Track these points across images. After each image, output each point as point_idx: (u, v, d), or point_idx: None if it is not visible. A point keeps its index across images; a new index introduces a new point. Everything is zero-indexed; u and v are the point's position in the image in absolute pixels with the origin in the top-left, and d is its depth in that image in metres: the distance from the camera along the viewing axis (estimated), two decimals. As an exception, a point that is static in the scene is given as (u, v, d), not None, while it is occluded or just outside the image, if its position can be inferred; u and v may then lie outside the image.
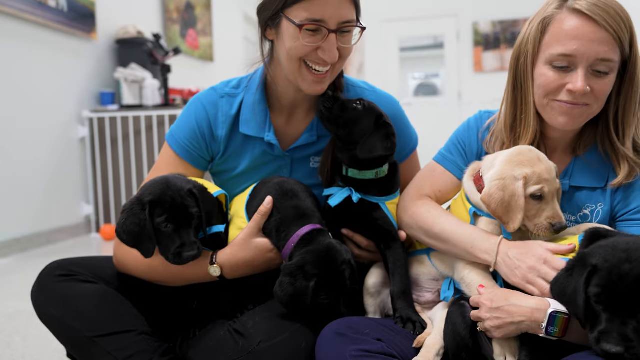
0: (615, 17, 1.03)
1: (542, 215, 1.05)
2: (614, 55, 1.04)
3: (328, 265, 1.07)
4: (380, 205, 1.26)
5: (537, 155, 1.08)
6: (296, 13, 1.13)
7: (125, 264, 1.26)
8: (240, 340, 1.07)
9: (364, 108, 1.25)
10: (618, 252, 0.87)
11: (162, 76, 3.94)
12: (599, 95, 1.07)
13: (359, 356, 0.98)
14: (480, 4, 7.49)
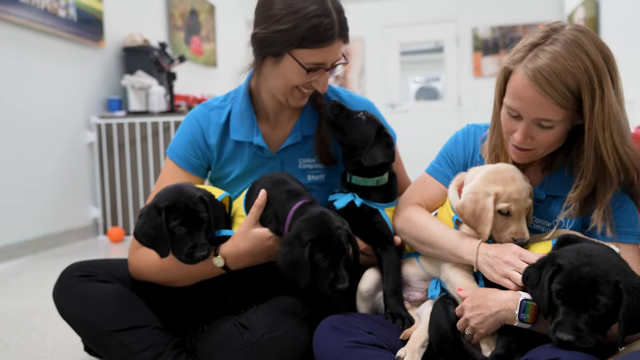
0: (557, 86, 1.06)
1: (507, 230, 1.16)
2: (554, 116, 1.10)
3: (321, 229, 1.15)
4: (380, 211, 1.39)
5: (513, 176, 1.18)
6: (303, 55, 1.27)
7: (139, 269, 1.37)
8: (245, 332, 1.19)
9: (367, 119, 1.39)
10: (582, 256, 0.98)
11: (167, 83, 4.06)
12: (542, 144, 1.15)
13: (351, 347, 1.10)
14: (480, 9, 7.58)
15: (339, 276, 1.14)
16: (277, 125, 1.50)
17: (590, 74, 1.07)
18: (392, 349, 1.15)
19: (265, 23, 1.29)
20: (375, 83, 7.93)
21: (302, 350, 1.19)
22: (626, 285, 0.94)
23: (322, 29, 1.24)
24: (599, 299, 0.93)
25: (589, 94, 1.07)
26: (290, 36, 1.25)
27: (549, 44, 1.09)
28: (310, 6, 1.24)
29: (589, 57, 1.07)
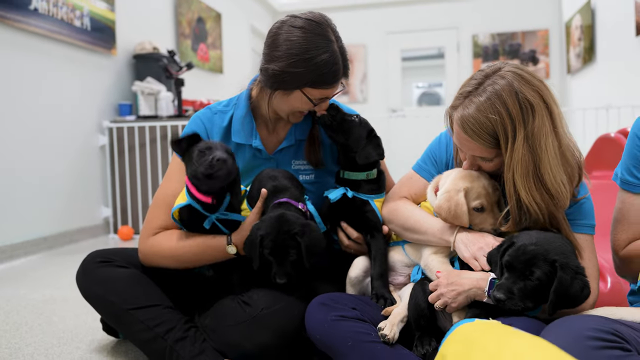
0: (480, 132, 1.22)
1: (486, 223, 1.33)
2: (488, 154, 1.27)
3: (271, 229, 1.34)
4: (370, 202, 1.57)
5: (478, 175, 1.35)
6: (312, 92, 1.46)
7: (151, 256, 1.54)
8: (247, 308, 1.36)
9: (360, 122, 1.58)
10: (532, 237, 1.17)
11: (175, 89, 4.24)
12: (489, 169, 1.34)
13: (337, 320, 1.27)
14: (480, 17, 7.75)
15: (279, 272, 1.34)
16: (274, 131, 1.68)
17: (505, 124, 1.20)
18: (374, 323, 1.31)
19: (277, 61, 1.43)
20: (377, 88, 8.11)
21: (296, 324, 1.36)
22: (562, 264, 1.11)
23: (330, 76, 1.44)
24: (534, 272, 1.11)
25: (503, 141, 1.22)
26: (303, 78, 1.43)
27: (477, 95, 1.24)
28: (322, 54, 1.41)
29: (507, 108, 1.20)
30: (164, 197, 1.57)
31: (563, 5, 7.18)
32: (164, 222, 1.55)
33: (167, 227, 1.56)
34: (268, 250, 1.34)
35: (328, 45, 1.43)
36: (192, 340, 1.41)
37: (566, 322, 0.99)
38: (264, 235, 1.34)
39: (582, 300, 1.12)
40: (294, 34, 1.43)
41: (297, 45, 1.42)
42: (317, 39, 1.42)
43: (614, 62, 5.18)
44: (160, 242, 1.52)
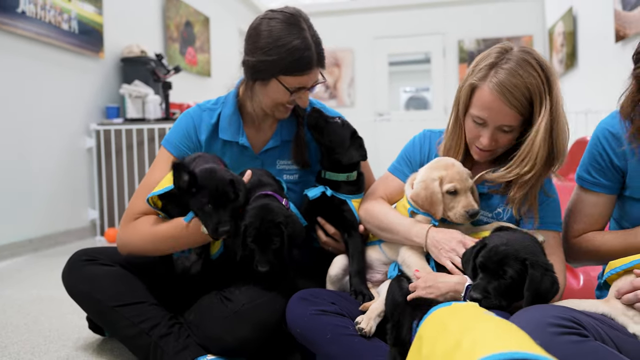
0: (519, 97, 1.29)
1: (459, 206, 1.38)
2: (515, 122, 1.33)
3: (255, 218, 1.38)
4: (348, 202, 1.62)
5: (452, 162, 1.41)
6: (287, 80, 1.50)
7: (130, 241, 1.55)
8: (228, 303, 1.41)
9: (342, 123, 1.63)
10: (503, 238, 1.22)
11: (163, 92, 4.27)
12: (502, 144, 1.38)
13: (316, 314, 1.31)
14: (465, 23, 7.87)
15: (261, 260, 1.37)
16: (260, 130, 1.72)
17: (540, 87, 1.30)
18: (353, 318, 1.36)
19: (254, 53, 1.50)
20: (364, 92, 8.19)
21: (276, 318, 1.40)
22: (532, 262, 1.17)
23: (303, 62, 1.47)
24: (507, 270, 1.16)
25: (538, 103, 1.31)
26: (277, 66, 1.47)
27: (505, 63, 1.32)
28: (293, 41, 1.46)
29: (537, 72, 1.30)
30: (147, 185, 1.60)
31: (546, 12, 7.32)
32: (145, 209, 1.57)
33: (147, 214, 1.58)
34: (251, 238, 1.38)
35: (299, 33, 1.48)
36: (176, 336, 1.45)
37: (529, 311, 1.04)
38: (248, 225, 1.38)
39: (553, 295, 1.18)
40: (269, 25, 1.49)
41: (270, 35, 1.48)
42: (289, 28, 1.48)
43: (595, 68, 5.31)
44: (138, 225, 1.55)
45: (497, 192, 1.48)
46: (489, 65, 1.33)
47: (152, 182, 1.59)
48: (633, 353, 1.06)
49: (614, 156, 1.39)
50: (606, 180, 1.40)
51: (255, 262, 1.39)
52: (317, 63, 1.52)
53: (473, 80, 1.35)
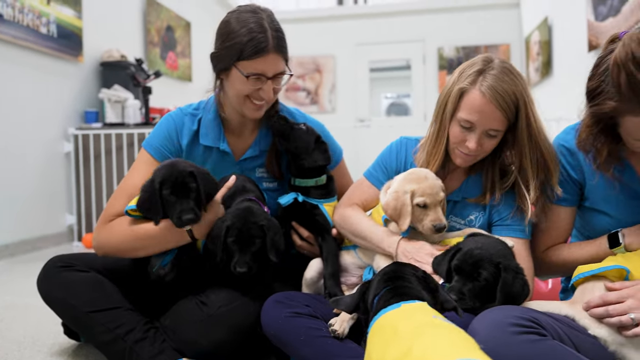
0: (508, 102, 1.35)
1: (427, 219, 1.43)
2: (502, 126, 1.39)
3: (237, 219, 1.41)
4: (319, 206, 1.65)
5: (425, 175, 1.45)
6: (244, 66, 1.51)
7: (107, 241, 1.55)
8: (204, 307, 1.42)
9: (307, 129, 1.66)
10: (477, 243, 1.27)
11: (143, 97, 4.26)
12: (487, 149, 1.43)
13: (290, 316, 1.34)
14: (445, 30, 7.99)
15: (240, 261, 1.39)
16: (240, 137, 1.74)
17: (523, 94, 1.37)
18: (327, 320, 1.39)
19: (217, 43, 1.57)
20: (346, 98, 8.25)
21: (251, 321, 1.42)
22: (505, 266, 1.22)
23: (255, 43, 1.49)
24: (481, 273, 1.21)
25: (523, 109, 1.38)
26: (233, 51, 1.50)
27: (492, 71, 1.38)
28: (248, 25, 1.50)
29: (519, 80, 1.38)
30: (126, 186, 1.61)
31: (523, 21, 7.48)
32: (122, 211, 1.57)
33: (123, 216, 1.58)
34: (233, 238, 1.40)
35: (256, 18, 1.52)
36: (152, 341, 1.46)
37: (493, 311, 1.09)
38: (230, 225, 1.40)
39: (524, 298, 1.23)
40: (229, 17, 1.55)
41: (228, 25, 1.53)
42: (246, 15, 1.53)
43: (569, 76, 5.44)
44: (115, 225, 1.55)
45: (471, 200, 1.53)
46: (476, 71, 1.38)
47: (131, 184, 1.60)
48: (592, 353, 1.11)
49: (571, 170, 1.45)
50: (566, 193, 1.45)
51: (234, 263, 1.40)
52: (274, 48, 1.51)
53: (462, 85, 1.39)
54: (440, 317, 0.92)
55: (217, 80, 1.65)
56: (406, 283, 1.10)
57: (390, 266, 1.18)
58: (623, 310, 1.11)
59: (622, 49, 1.12)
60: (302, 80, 8.19)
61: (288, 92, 8.15)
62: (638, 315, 1.09)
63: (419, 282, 1.12)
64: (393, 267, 1.16)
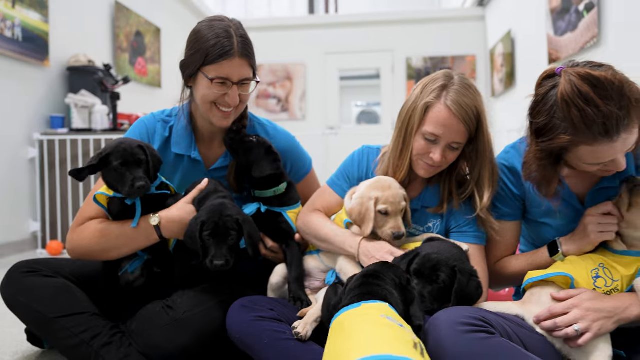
0: (470, 115, 1.43)
1: (387, 226, 1.49)
2: (464, 139, 1.46)
3: (212, 214, 1.43)
4: (283, 214, 1.69)
5: (390, 184, 1.52)
6: (209, 70, 1.55)
7: (79, 242, 1.57)
8: (170, 312, 1.44)
9: (257, 142, 1.68)
10: (434, 248, 1.34)
11: (111, 103, 4.22)
12: (449, 161, 1.50)
13: (255, 320, 1.38)
14: (413, 41, 8.17)
15: (217, 254, 1.42)
16: (210, 146, 1.77)
17: (482, 108, 1.45)
18: (290, 323, 1.43)
19: (186, 52, 1.60)
20: (315, 106, 8.32)
21: (216, 326, 1.45)
22: (460, 269, 1.28)
23: (219, 47, 1.52)
24: (439, 275, 1.27)
25: (482, 121, 1.46)
26: (198, 56, 1.54)
27: (454, 86, 1.45)
28: (214, 31, 1.54)
29: (478, 95, 1.46)
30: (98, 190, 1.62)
31: (488, 34, 7.72)
32: (94, 214, 1.60)
33: (97, 219, 1.61)
34: (209, 231, 1.42)
35: (222, 25, 1.56)
36: (118, 345, 1.47)
37: (446, 312, 1.15)
38: (205, 220, 1.42)
39: (477, 298, 1.30)
40: (198, 27, 1.59)
41: (196, 33, 1.58)
42: (214, 23, 1.57)
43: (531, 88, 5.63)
44: (86, 228, 1.58)
45: (430, 210, 1.59)
46: (440, 87, 1.45)
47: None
48: (539, 350, 1.19)
49: (512, 187, 1.54)
50: (509, 208, 1.55)
51: (211, 256, 1.42)
52: (238, 53, 1.54)
53: (428, 100, 1.45)
54: (391, 318, 0.95)
55: (187, 88, 1.68)
56: (378, 282, 1.13)
57: (374, 265, 1.24)
58: (569, 322, 1.18)
59: (568, 86, 1.18)
60: (273, 87, 8.24)
61: (259, 99, 8.17)
62: (582, 325, 1.17)
63: (395, 287, 1.15)
64: (375, 267, 1.22)
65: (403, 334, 0.88)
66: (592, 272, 1.27)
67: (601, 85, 1.15)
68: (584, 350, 1.17)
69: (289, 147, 1.82)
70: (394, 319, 0.95)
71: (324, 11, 9.39)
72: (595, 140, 1.17)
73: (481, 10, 7.83)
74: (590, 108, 1.14)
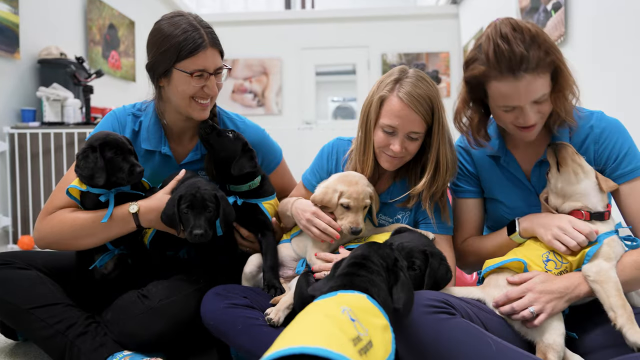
0: (424, 105, 1.48)
1: (346, 220, 1.54)
2: (421, 129, 1.51)
3: (189, 188, 1.48)
4: (259, 205, 1.72)
5: (357, 180, 1.57)
6: (185, 65, 1.56)
7: (49, 231, 1.58)
8: (145, 300, 1.47)
9: (234, 137, 1.70)
10: (405, 237, 1.41)
11: (83, 96, 4.18)
12: (411, 152, 1.55)
13: (228, 307, 1.42)
14: (389, 37, 8.26)
15: (196, 224, 1.44)
16: (180, 142, 1.79)
17: (436, 99, 1.51)
18: (263, 310, 1.47)
19: (150, 53, 1.61)
20: (292, 101, 8.34)
21: (190, 313, 1.48)
22: (431, 252, 1.35)
23: (191, 40, 1.54)
24: (415, 262, 1.33)
25: (437, 112, 1.51)
26: (170, 54, 1.55)
27: (407, 79, 1.51)
28: (180, 26, 1.56)
29: (433, 87, 1.52)
30: (68, 182, 1.63)
31: (462, 31, 7.85)
32: (63, 204, 1.60)
33: (66, 208, 1.62)
34: (187, 204, 1.45)
35: (184, 19, 1.58)
36: (93, 335, 1.49)
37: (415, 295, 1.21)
38: (183, 194, 1.45)
39: (447, 282, 1.37)
40: (158, 25, 1.60)
41: (159, 32, 1.58)
42: (175, 19, 1.58)
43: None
44: (56, 216, 1.58)
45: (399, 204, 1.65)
46: (394, 80, 1.52)
47: (73, 179, 1.62)
48: (499, 331, 1.26)
49: (468, 166, 1.64)
50: (469, 185, 1.65)
51: (190, 227, 1.44)
52: (210, 43, 1.57)
53: (382, 93, 1.52)
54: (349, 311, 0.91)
55: (157, 88, 1.68)
56: (363, 272, 1.10)
57: (362, 249, 1.19)
58: (524, 305, 1.25)
59: (494, 28, 1.34)
60: (249, 82, 8.22)
61: (235, 94, 8.14)
62: (537, 307, 1.24)
63: (382, 270, 1.12)
64: (363, 251, 1.18)
65: (347, 329, 0.86)
66: (543, 255, 1.35)
67: (519, 29, 1.30)
68: (540, 329, 1.24)
69: (260, 140, 1.85)
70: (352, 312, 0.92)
71: (300, 6, 9.39)
72: (502, 74, 1.31)
73: (455, 8, 7.96)
74: (504, 44, 1.29)
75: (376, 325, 0.94)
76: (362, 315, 0.94)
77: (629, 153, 1.43)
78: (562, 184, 1.41)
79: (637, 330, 1.17)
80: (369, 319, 0.94)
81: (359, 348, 0.83)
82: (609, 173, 1.45)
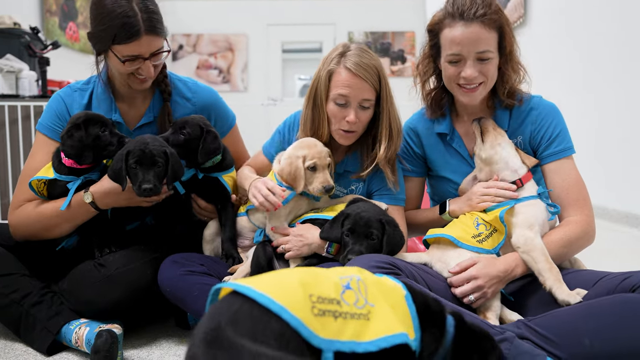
0: (371, 72, 1.52)
1: (316, 181, 1.58)
2: (372, 96, 1.55)
3: (137, 143, 1.47)
4: (219, 178, 1.74)
5: (315, 143, 1.60)
6: (119, 49, 1.54)
7: (20, 223, 1.60)
8: (102, 269, 1.48)
9: (198, 131, 1.65)
10: (361, 208, 1.45)
11: (40, 68, 4.05)
12: (363, 121, 1.58)
13: (185, 274, 1.45)
14: (356, 16, 8.25)
15: (145, 179, 1.45)
16: (132, 106, 1.76)
17: (381, 68, 1.56)
18: (220, 278, 1.51)
19: (92, 24, 1.57)
20: (257, 78, 8.28)
21: (147, 281, 1.50)
22: (386, 220, 1.41)
23: (127, 27, 1.50)
24: (372, 231, 1.38)
25: (384, 80, 1.56)
26: (106, 35, 1.52)
27: (350, 51, 1.54)
28: (117, 9, 1.50)
29: (376, 58, 1.57)
30: (29, 171, 1.62)
31: (427, 10, 7.91)
32: (30, 196, 1.61)
33: (32, 201, 1.62)
34: (135, 159, 1.44)
35: (126, 1, 1.52)
36: (49, 304, 1.50)
37: (363, 257, 1.27)
38: (131, 150, 1.45)
39: (400, 248, 1.43)
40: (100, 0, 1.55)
41: (101, 5, 1.53)
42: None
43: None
44: (24, 210, 1.59)
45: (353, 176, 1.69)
46: (339, 54, 1.55)
47: (33, 167, 1.62)
48: (441, 292, 1.34)
49: (415, 147, 1.72)
50: (413, 166, 1.73)
51: (139, 182, 1.44)
52: (146, 30, 1.53)
53: (329, 67, 1.55)
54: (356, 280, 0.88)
55: (100, 56, 1.66)
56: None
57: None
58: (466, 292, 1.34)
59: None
60: (214, 58, 8.10)
61: (200, 69, 8.02)
62: (477, 294, 1.34)
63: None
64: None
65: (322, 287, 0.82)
66: (474, 221, 1.45)
67: None
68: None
69: (212, 102, 1.86)
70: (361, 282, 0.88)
71: (266, -19, 9.26)
72: (454, 20, 1.45)
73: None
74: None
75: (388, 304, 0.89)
76: (376, 291, 0.88)
77: (560, 135, 1.54)
78: (486, 153, 1.51)
79: (564, 290, 1.27)
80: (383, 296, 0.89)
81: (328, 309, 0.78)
82: (541, 152, 1.56)
